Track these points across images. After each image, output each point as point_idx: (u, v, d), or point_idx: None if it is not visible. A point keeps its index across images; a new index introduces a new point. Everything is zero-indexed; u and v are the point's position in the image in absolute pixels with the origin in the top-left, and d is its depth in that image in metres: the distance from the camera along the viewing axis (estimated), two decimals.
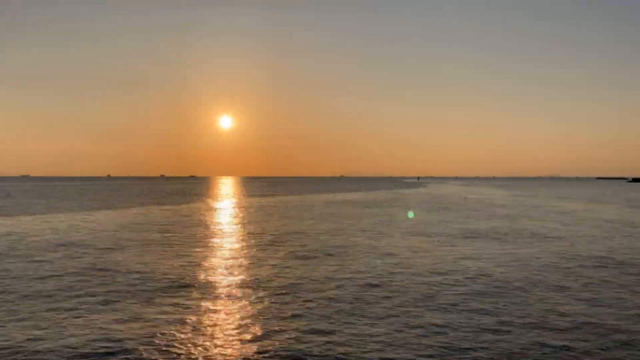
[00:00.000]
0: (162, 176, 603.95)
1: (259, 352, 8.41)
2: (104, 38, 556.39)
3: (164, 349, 8.58)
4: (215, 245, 21.40)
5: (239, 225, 29.91)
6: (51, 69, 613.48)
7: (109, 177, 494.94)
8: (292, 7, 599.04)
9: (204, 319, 10.36)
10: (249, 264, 16.76)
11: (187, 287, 13.36)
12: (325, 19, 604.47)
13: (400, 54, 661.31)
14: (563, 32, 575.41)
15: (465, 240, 23.06)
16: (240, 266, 16.34)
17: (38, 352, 8.42)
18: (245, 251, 19.58)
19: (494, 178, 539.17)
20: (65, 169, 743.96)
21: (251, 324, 10.02)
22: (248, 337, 9.21)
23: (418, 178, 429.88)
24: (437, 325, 9.90)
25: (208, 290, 13.00)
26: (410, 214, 38.32)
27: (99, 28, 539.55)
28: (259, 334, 9.38)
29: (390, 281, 14.05)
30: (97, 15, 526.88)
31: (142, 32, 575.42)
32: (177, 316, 10.50)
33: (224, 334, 9.35)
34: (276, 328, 9.72)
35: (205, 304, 11.58)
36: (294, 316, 10.50)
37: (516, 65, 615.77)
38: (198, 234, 25.26)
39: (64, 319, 10.31)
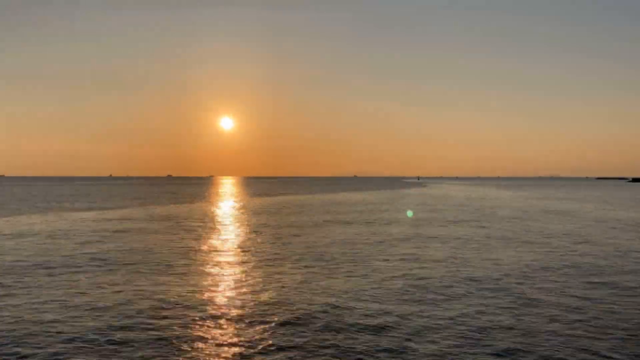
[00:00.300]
0: (169, 176, 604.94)
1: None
2: (104, 38, 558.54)
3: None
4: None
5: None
6: (51, 69, 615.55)
7: (110, 177, 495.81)
8: (292, 7, 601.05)
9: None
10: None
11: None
12: (325, 19, 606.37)
13: (400, 54, 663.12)
14: (564, 32, 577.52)
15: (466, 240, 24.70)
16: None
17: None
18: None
19: (493, 178, 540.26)
20: (66, 170, 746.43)
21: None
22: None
23: (418, 178, 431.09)
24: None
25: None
26: (409, 213, 40.19)
27: (99, 28, 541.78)
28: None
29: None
30: (97, 15, 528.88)
31: (143, 32, 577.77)
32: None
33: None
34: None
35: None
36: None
37: (516, 65, 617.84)
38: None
39: None
